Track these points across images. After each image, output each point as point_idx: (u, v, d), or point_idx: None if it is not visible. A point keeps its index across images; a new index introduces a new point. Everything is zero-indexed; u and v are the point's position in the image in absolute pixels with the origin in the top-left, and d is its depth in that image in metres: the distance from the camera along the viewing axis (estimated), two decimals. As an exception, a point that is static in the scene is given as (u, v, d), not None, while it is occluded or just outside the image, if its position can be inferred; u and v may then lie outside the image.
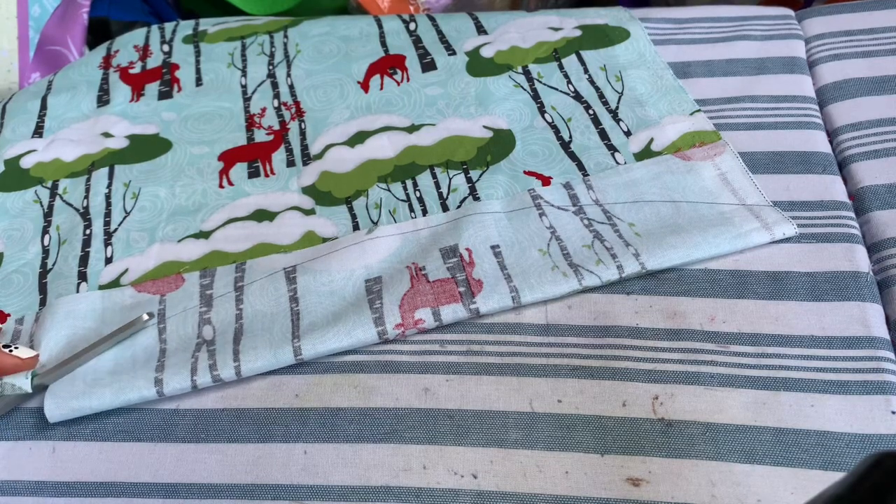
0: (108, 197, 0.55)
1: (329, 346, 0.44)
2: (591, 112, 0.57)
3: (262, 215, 0.52)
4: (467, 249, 0.47)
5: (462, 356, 0.44)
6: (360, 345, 0.44)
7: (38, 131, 0.61)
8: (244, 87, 0.63)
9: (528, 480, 0.39)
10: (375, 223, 0.51)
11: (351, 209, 0.52)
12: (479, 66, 0.61)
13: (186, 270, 0.50)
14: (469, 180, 0.53)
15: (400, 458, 0.40)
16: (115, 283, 0.49)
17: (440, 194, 0.52)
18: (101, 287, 0.49)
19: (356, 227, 0.51)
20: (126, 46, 0.69)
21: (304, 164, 0.56)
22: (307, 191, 0.54)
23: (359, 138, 0.57)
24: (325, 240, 0.50)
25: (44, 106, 0.63)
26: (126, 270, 0.50)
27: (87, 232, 0.53)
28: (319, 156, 0.56)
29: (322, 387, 0.43)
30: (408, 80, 0.61)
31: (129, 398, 0.43)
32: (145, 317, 0.46)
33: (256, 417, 0.43)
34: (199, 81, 0.64)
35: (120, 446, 0.42)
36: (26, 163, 0.58)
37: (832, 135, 0.55)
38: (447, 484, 0.39)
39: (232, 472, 0.41)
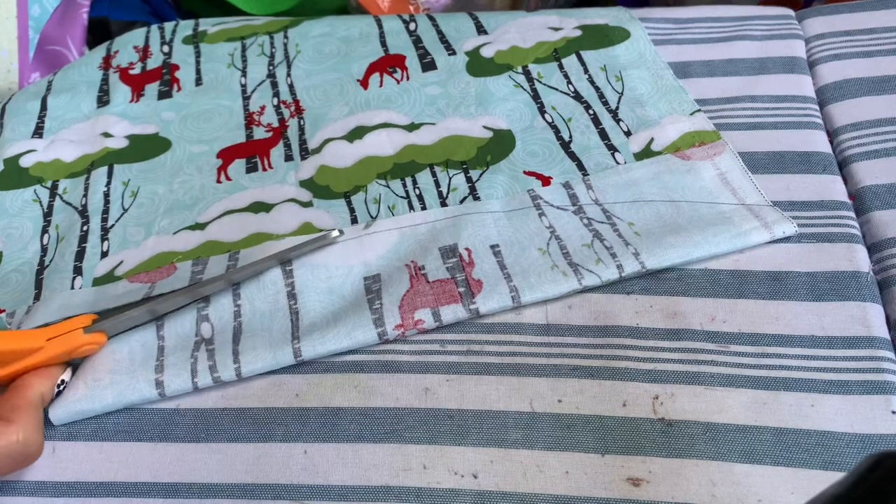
0: (106, 195, 0.55)
1: (329, 347, 0.44)
2: (591, 112, 0.57)
3: (258, 207, 0.52)
4: (467, 249, 0.47)
5: (462, 356, 0.44)
6: (360, 345, 0.44)
7: (38, 132, 0.61)
8: (244, 87, 0.63)
9: (528, 480, 0.39)
10: (374, 218, 0.51)
11: (349, 203, 0.52)
12: (479, 65, 0.61)
13: (180, 260, 0.50)
14: (469, 180, 0.53)
15: (400, 458, 0.40)
16: (109, 275, 0.49)
17: (440, 193, 0.52)
18: (96, 279, 0.49)
19: (354, 221, 0.51)
20: (126, 47, 0.68)
21: (303, 158, 0.56)
22: (305, 184, 0.54)
23: (357, 133, 0.56)
24: (322, 231, 0.50)
25: (44, 107, 0.63)
26: (121, 262, 0.50)
27: (84, 228, 0.53)
28: (318, 150, 0.56)
29: (322, 387, 0.43)
30: (408, 79, 0.61)
31: (132, 399, 0.43)
32: (335, 233, 0.47)
33: (256, 417, 0.42)
34: (198, 82, 0.64)
35: (120, 446, 0.42)
36: (25, 162, 0.58)
37: (832, 135, 0.55)
38: (447, 484, 0.39)
39: (232, 472, 0.41)
